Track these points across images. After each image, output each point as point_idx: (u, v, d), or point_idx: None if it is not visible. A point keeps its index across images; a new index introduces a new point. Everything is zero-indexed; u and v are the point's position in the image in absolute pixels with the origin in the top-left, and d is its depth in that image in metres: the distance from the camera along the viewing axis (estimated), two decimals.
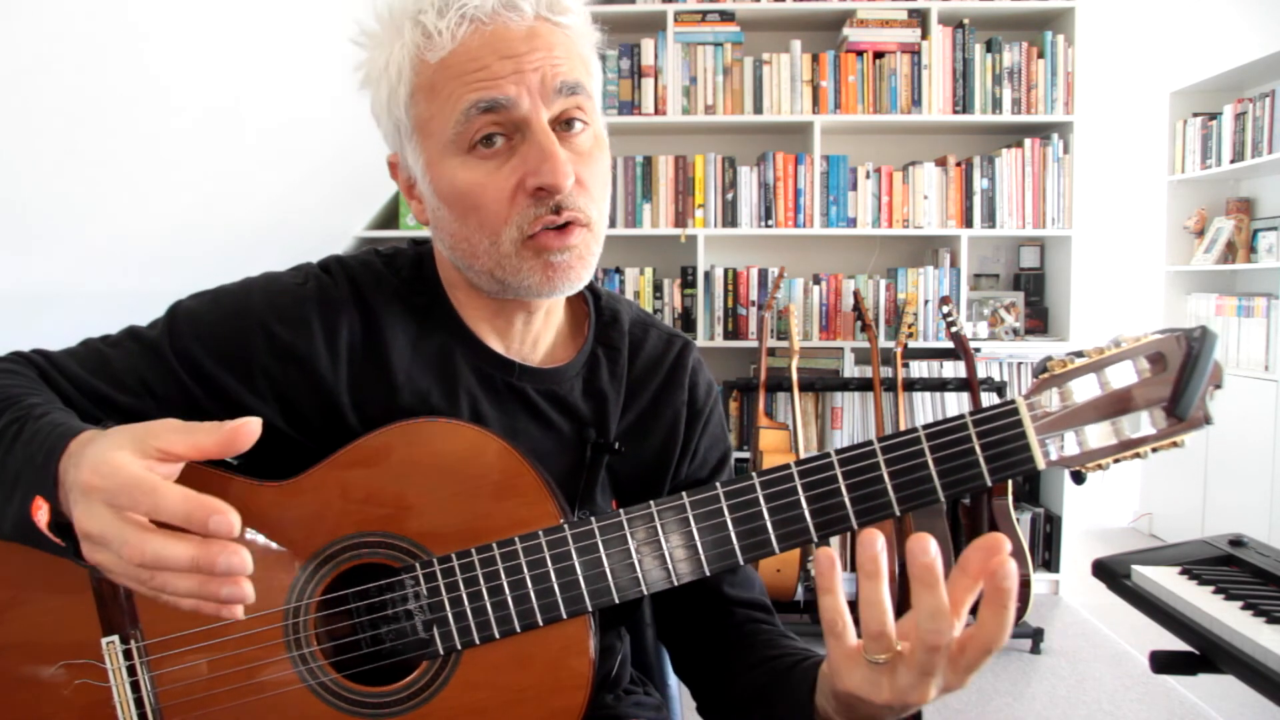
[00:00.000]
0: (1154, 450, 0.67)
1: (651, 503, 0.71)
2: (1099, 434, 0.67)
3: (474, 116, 0.72)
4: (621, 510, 0.71)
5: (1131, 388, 0.67)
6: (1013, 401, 0.67)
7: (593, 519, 0.71)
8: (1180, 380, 0.65)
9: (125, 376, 0.77)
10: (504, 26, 0.72)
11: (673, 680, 1.10)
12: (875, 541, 0.57)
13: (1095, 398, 0.67)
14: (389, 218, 3.35)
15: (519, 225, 0.73)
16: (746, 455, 3.19)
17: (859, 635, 0.60)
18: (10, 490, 0.65)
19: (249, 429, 0.60)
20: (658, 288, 3.37)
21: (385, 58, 0.75)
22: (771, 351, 3.32)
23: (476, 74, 0.71)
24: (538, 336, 0.85)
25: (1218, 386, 0.66)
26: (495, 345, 0.84)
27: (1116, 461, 0.68)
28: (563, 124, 0.75)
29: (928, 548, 0.54)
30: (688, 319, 3.36)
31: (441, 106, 0.73)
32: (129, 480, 0.58)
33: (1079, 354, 0.68)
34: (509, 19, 0.72)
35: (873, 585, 0.57)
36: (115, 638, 0.70)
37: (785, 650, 0.83)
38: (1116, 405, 0.67)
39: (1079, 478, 0.69)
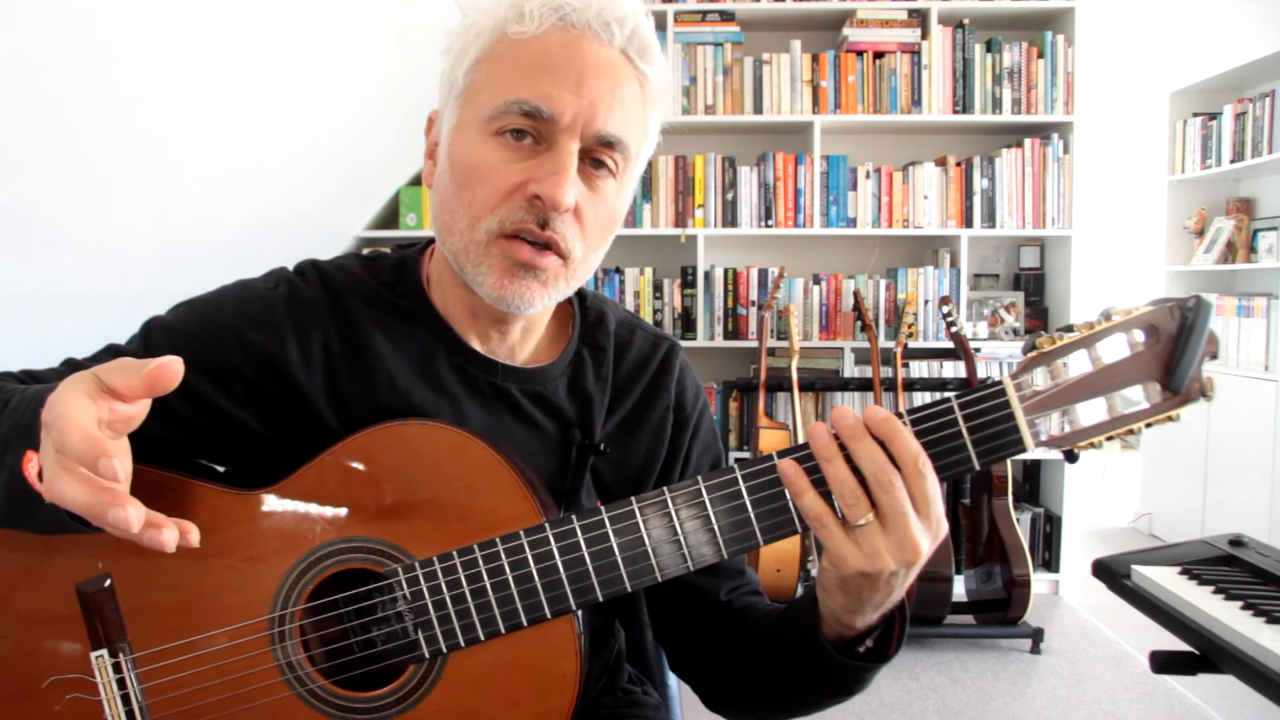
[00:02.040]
0: (1148, 426, 0.65)
1: (633, 498, 0.70)
2: (1091, 411, 0.65)
3: (514, 113, 0.72)
4: (603, 506, 0.70)
5: (1124, 362, 0.64)
6: (999, 382, 0.65)
7: (574, 518, 0.70)
8: (1174, 352, 0.63)
9: None
10: (587, 42, 0.73)
11: (672, 679, 1.10)
12: (824, 432, 0.65)
13: (1086, 374, 0.65)
14: (389, 218, 3.35)
15: (501, 219, 0.73)
16: (746, 455, 3.19)
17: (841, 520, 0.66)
18: (0, 456, 0.65)
19: (170, 369, 0.59)
20: (658, 288, 3.37)
21: (471, 20, 0.76)
22: (771, 351, 3.31)
23: (539, 73, 0.72)
24: (516, 344, 0.85)
25: (1213, 356, 0.64)
26: (477, 346, 0.83)
27: (1110, 439, 0.66)
28: (594, 160, 0.75)
29: (848, 412, 0.65)
30: (688, 319, 3.36)
31: (494, 82, 0.74)
32: (58, 415, 0.57)
33: (1069, 329, 0.66)
34: (596, 36, 0.73)
35: (834, 466, 0.65)
36: (104, 651, 0.69)
37: (776, 607, 0.86)
38: (1108, 381, 0.65)
39: (1072, 457, 0.67)
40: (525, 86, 0.72)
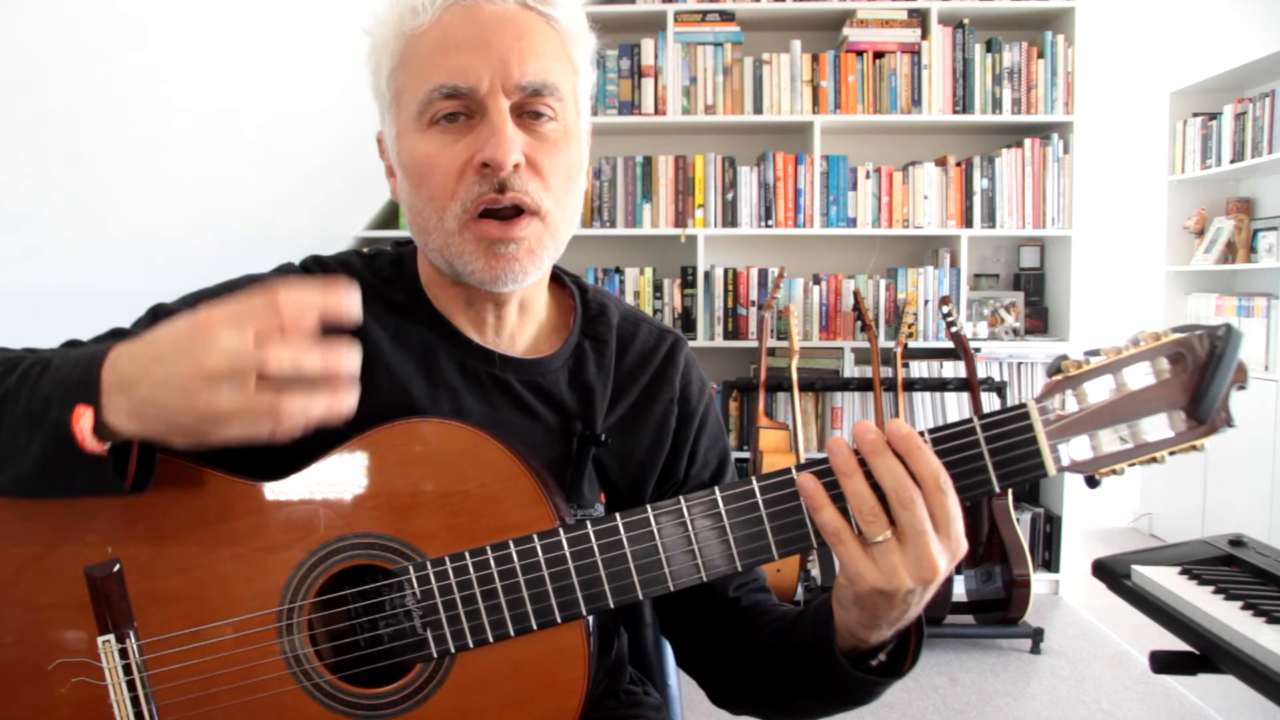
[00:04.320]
0: (1171, 454, 0.64)
1: (648, 507, 0.70)
2: (1114, 438, 0.64)
3: (436, 99, 0.73)
4: (617, 514, 0.70)
5: (1149, 389, 0.63)
6: (1023, 405, 0.64)
7: (588, 523, 0.70)
8: (1202, 381, 0.62)
9: None
10: (480, 8, 0.74)
11: (673, 680, 1.10)
12: (844, 447, 0.65)
13: (1111, 400, 0.64)
14: (389, 218, 3.35)
15: (463, 201, 0.74)
16: (746, 455, 3.19)
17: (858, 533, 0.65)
18: (41, 414, 0.64)
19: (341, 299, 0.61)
20: (658, 288, 3.37)
21: (378, 34, 0.78)
22: (771, 351, 3.31)
23: (445, 54, 0.73)
24: (514, 330, 0.85)
25: (1241, 387, 0.63)
26: (474, 338, 0.84)
27: (1131, 465, 0.65)
28: (530, 113, 0.75)
29: (869, 426, 0.64)
30: (688, 319, 3.36)
31: (412, 82, 0.75)
32: (257, 302, 0.59)
33: (1095, 353, 0.65)
34: (488, 0, 0.74)
35: (853, 481, 0.64)
36: (111, 637, 0.70)
37: (787, 609, 0.85)
38: (1133, 407, 0.64)
39: (1093, 482, 0.67)
40: (437, 71, 0.73)
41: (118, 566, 0.68)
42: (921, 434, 0.65)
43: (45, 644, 0.72)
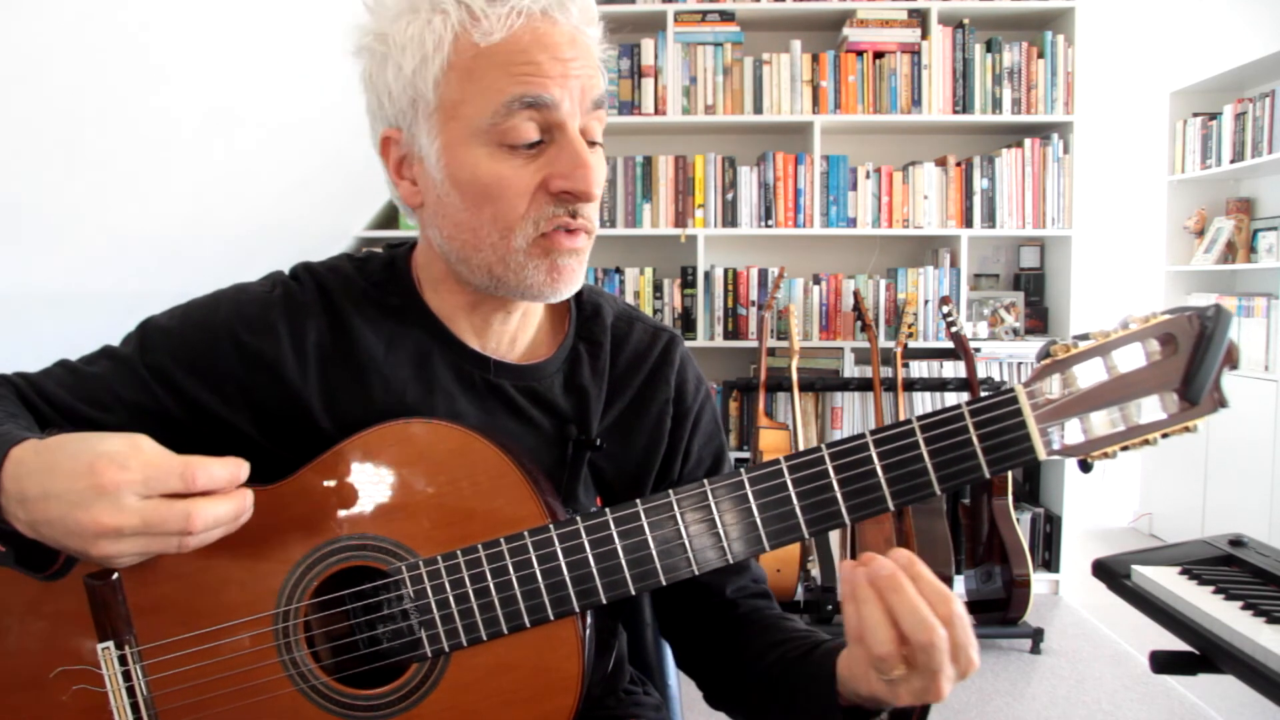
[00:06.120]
0: (1164, 436, 0.64)
1: (638, 501, 0.70)
2: (1105, 421, 0.64)
3: (516, 110, 0.71)
4: (608, 509, 0.70)
5: (1140, 371, 0.63)
6: (1011, 389, 0.64)
7: (579, 519, 0.70)
8: (1193, 361, 0.62)
9: (101, 393, 0.78)
10: (551, 26, 0.73)
11: (673, 680, 1.10)
12: (855, 570, 0.62)
13: (1101, 383, 0.64)
14: (389, 218, 3.35)
15: (535, 222, 0.74)
16: (747, 455, 3.19)
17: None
18: None
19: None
20: (658, 288, 3.37)
21: (417, 30, 0.73)
22: (771, 351, 3.31)
23: (524, 68, 0.72)
24: (516, 333, 0.85)
25: (1233, 367, 0.63)
26: (472, 342, 0.83)
27: (1125, 449, 0.64)
28: (588, 141, 0.76)
29: (885, 561, 0.62)
30: (688, 319, 3.36)
31: (479, 93, 0.72)
32: (167, 466, 0.62)
33: (1084, 337, 0.65)
34: (556, 20, 0.73)
35: (869, 609, 0.61)
36: (110, 644, 0.70)
37: (790, 635, 0.83)
38: (1124, 390, 0.63)
39: (1085, 466, 0.66)
40: (517, 83, 0.71)
41: (116, 574, 0.68)
42: (909, 421, 0.65)
43: (46, 652, 0.72)
